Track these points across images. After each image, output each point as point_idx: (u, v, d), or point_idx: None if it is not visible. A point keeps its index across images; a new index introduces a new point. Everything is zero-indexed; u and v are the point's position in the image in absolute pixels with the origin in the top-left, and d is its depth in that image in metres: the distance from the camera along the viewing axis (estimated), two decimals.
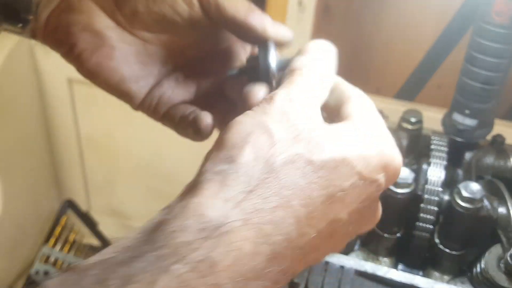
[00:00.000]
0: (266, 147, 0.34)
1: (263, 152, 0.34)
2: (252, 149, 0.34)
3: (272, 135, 0.35)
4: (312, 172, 0.34)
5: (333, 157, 0.35)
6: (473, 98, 0.63)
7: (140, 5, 0.44)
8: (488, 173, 0.67)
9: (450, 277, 0.63)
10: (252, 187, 0.33)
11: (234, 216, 0.31)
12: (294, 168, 0.34)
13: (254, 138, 0.35)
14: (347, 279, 0.57)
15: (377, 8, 1.35)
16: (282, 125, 0.35)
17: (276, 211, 0.33)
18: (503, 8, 0.58)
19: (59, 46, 0.46)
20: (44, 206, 1.65)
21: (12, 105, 1.41)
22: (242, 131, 0.35)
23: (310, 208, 0.34)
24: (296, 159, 0.34)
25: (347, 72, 0.47)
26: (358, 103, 0.40)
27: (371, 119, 0.39)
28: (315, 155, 0.34)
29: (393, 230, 0.64)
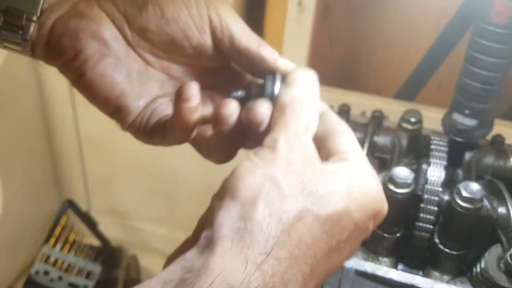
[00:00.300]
0: (278, 202, 0.35)
1: (275, 208, 0.35)
2: (266, 205, 0.35)
3: (282, 189, 0.35)
4: (318, 229, 0.35)
5: (337, 210, 0.36)
6: (473, 98, 0.63)
7: (151, 23, 0.43)
8: (488, 173, 0.67)
9: (450, 277, 0.64)
10: (269, 248, 0.33)
11: (256, 282, 0.32)
12: (303, 225, 0.35)
13: (266, 192, 0.35)
14: (347, 279, 0.58)
15: (377, 8, 1.35)
16: (289, 177, 0.36)
17: (287, 272, 0.33)
18: (502, 9, 0.58)
19: (63, 53, 0.44)
20: (44, 206, 1.65)
21: (12, 105, 1.41)
22: (253, 183, 0.36)
23: (314, 266, 0.35)
24: (304, 215, 0.35)
25: (347, 72, 0.47)
26: (348, 139, 0.41)
27: (362, 159, 0.41)
28: (321, 209, 0.35)
29: (393, 230, 0.64)
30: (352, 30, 1.40)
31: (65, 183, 1.70)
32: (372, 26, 1.38)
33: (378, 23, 1.37)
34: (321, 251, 0.35)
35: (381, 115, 0.74)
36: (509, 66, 0.62)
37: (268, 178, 0.36)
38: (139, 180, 1.63)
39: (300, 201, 0.35)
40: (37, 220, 1.62)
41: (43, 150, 1.60)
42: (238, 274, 0.32)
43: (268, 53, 0.44)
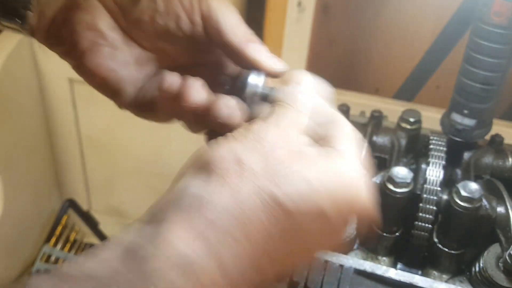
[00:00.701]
0: (234, 177, 0.35)
1: (230, 182, 0.34)
2: (221, 177, 0.35)
3: (242, 166, 0.35)
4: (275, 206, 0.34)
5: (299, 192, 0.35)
6: (472, 98, 0.64)
7: (145, 15, 0.44)
8: (486, 172, 0.68)
9: (449, 276, 0.64)
10: (217, 220, 0.33)
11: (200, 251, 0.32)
12: (257, 202, 0.34)
13: (224, 166, 0.35)
14: (346, 278, 0.58)
15: (376, 8, 1.35)
16: (254, 156, 0.36)
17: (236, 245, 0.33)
18: (501, 9, 0.58)
19: (62, 43, 0.46)
20: (45, 206, 1.66)
21: (13, 105, 1.42)
22: (215, 156, 0.36)
23: (269, 244, 0.34)
24: (260, 192, 0.34)
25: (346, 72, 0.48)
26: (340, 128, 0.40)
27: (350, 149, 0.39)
28: (280, 189, 0.35)
29: (392, 229, 0.64)
30: (351, 30, 1.40)
31: (66, 183, 1.71)
32: (371, 27, 1.38)
33: (377, 24, 1.37)
34: (278, 231, 0.35)
35: (380, 115, 0.74)
36: (507, 66, 0.62)
37: (232, 153, 0.36)
38: (140, 179, 1.63)
39: (258, 178, 0.35)
40: (38, 219, 1.62)
41: (44, 150, 1.60)
42: (182, 242, 0.32)
43: (251, 52, 0.44)
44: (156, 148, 1.54)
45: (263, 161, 0.36)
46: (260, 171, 0.35)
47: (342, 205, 0.37)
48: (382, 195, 0.61)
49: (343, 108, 0.75)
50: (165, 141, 1.48)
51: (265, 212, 0.34)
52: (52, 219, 1.61)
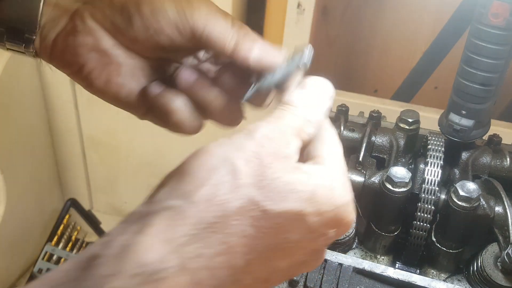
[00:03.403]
0: (226, 190, 0.33)
1: (220, 194, 0.33)
2: (211, 189, 0.33)
3: (237, 177, 0.34)
4: (264, 222, 0.33)
5: (291, 210, 0.34)
6: (470, 98, 0.64)
7: (140, 35, 0.46)
8: (484, 172, 0.68)
9: (447, 275, 0.64)
10: (198, 231, 0.32)
11: (171, 262, 0.31)
12: (247, 216, 0.33)
13: (217, 177, 0.34)
14: (345, 277, 0.58)
15: (374, 10, 1.35)
16: (250, 167, 0.34)
17: (215, 258, 0.32)
18: (499, 10, 0.59)
19: (68, 66, 0.47)
20: (47, 205, 1.66)
21: (15, 105, 1.42)
22: (208, 164, 0.34)
23: (251, 256, 0.33)
24: (252, 207, 0.33)
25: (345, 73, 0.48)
26: (329, 145, 0.40)
27: (338, 167, 0.39)
28: (273, 205, 0.34)
29: (391, 228, 0.65)
30: (350, 32, 1.40)
31: (68, 182, 1.71)
32: (370, 28, 1.38)
33: (376, 25, 1.37)
34: (264, 246, 0.34)
35: (379, 115, 0.75)
36: (505, 67, 0.62)
37: (227, 163, 0.34)
38: (141, 178, 1.63)
39: (252, 192, 0.33)
40: (40, 218, 1.63)
41: (46, 150, 1.60)
42: (154, 252, 0.31)
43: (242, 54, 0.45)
44: (157, 147, 1.54)
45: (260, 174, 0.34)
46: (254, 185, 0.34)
47: (328, 224, 0.36)
48: (380, 194, 0.62)
49: (342, 108, 0.75)
50: (166, 141, 1.49)
51: (253, 227, 0.33)
52: (54, 219, 1.62)
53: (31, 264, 1.58)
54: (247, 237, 0.33)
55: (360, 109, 0.84)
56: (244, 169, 0.34)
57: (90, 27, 0.46)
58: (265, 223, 0.33)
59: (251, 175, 0.34)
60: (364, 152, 0.68)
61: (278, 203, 0.34)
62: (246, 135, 0.36)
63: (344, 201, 0.37)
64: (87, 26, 0.46)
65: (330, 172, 0.38)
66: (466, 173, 0.67)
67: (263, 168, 0.34)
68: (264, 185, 0.34)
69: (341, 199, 0.37)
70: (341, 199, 0.37)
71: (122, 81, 0.47)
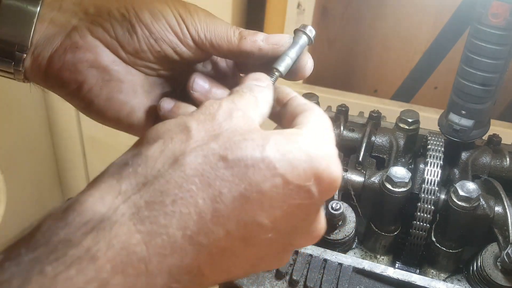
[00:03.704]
0: (178, 142, 0.33)
1: (172, 146, 0.33)
2: (163, 144, 0.34)
3: (189, 134, 0.34)
4: (223, 169, 0.32)
5: (250, 155, 0.33)
6: (469, 98, 0.64)
7: (142, 44, 0.45)
8: (484, 172, 0.68)
9: (447, 275, 0.64)
10: (148, 179, 0.32)
11: (123, 210, 0.30)
12: (204, 163, 0.32)
13: (169, 134, 0.34)
14: (345, 277, 0.58)
15: (374, 10, 1.35)
16: (204, 125, 0.35)
17: (174, 205, 0.31)
18: (499, 11, 0.59)
19: (65, 85, 0.45)
20: (47, 205, 1.66)
21: (15, 105, 1.42)
22: (161, 128, 0.35)
23: (218, 205, 0.32)
24: (208, 155, 0.33)
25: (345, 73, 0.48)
26: (310, 115, 0.39)
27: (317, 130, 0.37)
28: (230, 151, 0.33)
29: (391, 228, 0.65)
30: (350, 32, 1.40)
31: (68, 182, 1.71)
32: (370, 28, 1.38)
33: (376, 25, 1.37)
34: (229, 193, 0.32)
35: (378, 115, 0.75)
36: (505, 67, 0.62)
37: (179, 125, 0.35)
38: None
39: (206, 143, 0.33)
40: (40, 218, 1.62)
41: (46, 150, 1.60)
42: (104, 204, 0.31)
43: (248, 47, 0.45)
44: None
45: (214, 130, 0.34)
46: (209, 138, 0.34)
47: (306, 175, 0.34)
48: (380, 194, 0.62)
49: (342, 108, 0.75)
50: None
51: (213, 173, 0.32)
52: None
53: None
54: (207, 183, 0.32)
55: (360, 109, 0.85)
56: (198, 128, 0.34)
57: (90, 43, 0.44)
58: (224, 171, 0.32)
59: (205, 131, 0.34)
60: (364, 152, 0.68)
61: (236, 150, 0.33)
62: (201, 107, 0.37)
63: (321, 152, 0.35)
64: (87, 42, 0.44)
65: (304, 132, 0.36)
66: (466, 173, 0.67)
67: (217, 126, 0.35)
68: (220, 138, 0.34)
69: (316, 150, 0.35)
70: (316, 149, 0.35)
71: (123, 98, 0.46)
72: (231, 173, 0.32)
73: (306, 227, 0.37)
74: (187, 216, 0.31)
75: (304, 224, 0.37)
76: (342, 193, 0.66)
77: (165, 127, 0.35)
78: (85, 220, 0.30)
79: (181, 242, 0.31)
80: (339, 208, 0.60)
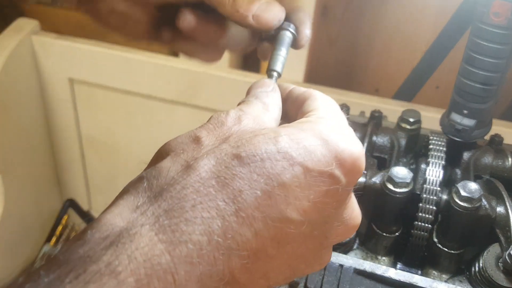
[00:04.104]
0: (190, 151, 0.33)
1: (185, 155, 0.33)
2: (175, 155, 0.33)
3: (199, 141, 0.34)
4: (239, 166, 0.31)
5: (264, 149, 0.32)
6: (471, 98, 0.64)
7: None
8: (486, 172, 0.68)
9: (449, 276, 0.64)
10: (164, 189, 0.31)
11: (142, 221, 0.29)
12: (219, 164, 0.31)
13: (180, 147, 0.34)
14: (346, 278, 0.58)
15: (375, 9, 1.35)
16: (214, 132, 0.34)
17: (195, 210, 0.30)
18: (500, 9, 0.58)
19: None
20: (45, 206, 1.66)
21: (13, 105, 1.42)
22: (173, 142, 0.35)
23: (240, 205, 0.30)
24: (221, 155, 0.32)
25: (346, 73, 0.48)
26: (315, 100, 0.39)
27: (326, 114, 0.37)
28: (242, 148, 0.32)
29: (392, 229, 0.64)
30: (351, 31, 1.40)
31: (66, 183, 1.71)
32: (371, 27, 1.38)
33: (377, 24, 1.37)
34: (249, 190, 0.31)
35: (380, 115, 0.75)
36: (507, 66, 0.62)
37: (189, 137, 0.35)
38: None
39: (218, 146, 0.33)
40: (39, 219, 1.62)
41: (44, 150, 1.60)
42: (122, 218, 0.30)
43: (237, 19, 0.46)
44: (156, 148, 1.54)
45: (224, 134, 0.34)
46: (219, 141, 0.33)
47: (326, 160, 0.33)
48: (381, 195, 0.61)
49: (343, 108, 0.75)
50: (165, 141, 1.48)
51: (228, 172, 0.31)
52: (52, 219, 1.61)
53: (30, 264, 1.57)
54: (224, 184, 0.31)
55: (361, 109, 0.84)
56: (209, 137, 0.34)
57: None
58: (240, 168, 0.31)
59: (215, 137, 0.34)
60: (365, 152, 0.68)
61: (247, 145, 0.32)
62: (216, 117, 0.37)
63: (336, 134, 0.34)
64: None
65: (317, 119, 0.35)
66: (468, 173, 0.67)
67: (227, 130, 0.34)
68: (230, 139, 0.33)
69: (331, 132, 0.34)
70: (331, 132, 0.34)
71: None
72: (248, 170, 0.31)
73: (339, 216, 0.36)
74: (209, 220, 0.30)
75: (337, 213, 0.35)
76: None
77: (176, 141, 0.35)
78: (104, 235, 0.29)
79: (208, 248, 0.29)
80: None
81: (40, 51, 1.39)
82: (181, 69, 1.33)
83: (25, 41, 1.36)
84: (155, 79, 1.37)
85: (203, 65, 1.34)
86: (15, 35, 1.35)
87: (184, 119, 1.40)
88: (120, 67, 1.36)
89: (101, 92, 1.43)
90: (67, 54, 1.38)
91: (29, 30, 1.37)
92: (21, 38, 1.35)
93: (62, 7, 1.32)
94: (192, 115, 1.38)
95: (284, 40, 0.46)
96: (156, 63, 1.35)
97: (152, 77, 1.37)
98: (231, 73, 1.33)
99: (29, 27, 1.37)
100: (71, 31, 1.43)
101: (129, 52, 1.35)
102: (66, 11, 1.51)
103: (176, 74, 1.34)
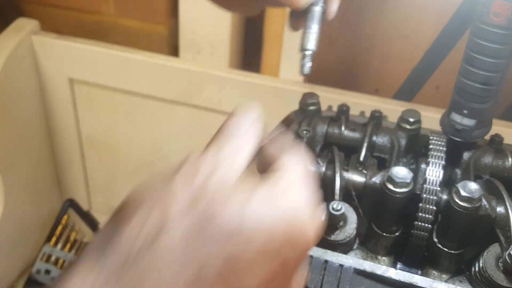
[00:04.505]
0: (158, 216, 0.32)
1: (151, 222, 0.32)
2: (142, 217, 0.32)
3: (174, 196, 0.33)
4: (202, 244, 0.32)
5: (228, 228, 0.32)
6: (471, 98, 0.64)
7: None
8: (486, 172, 0.68)
9: (449, 276, 0.64)
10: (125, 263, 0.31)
11: None
12: (183, 239, 0.31)
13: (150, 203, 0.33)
14: (346, 278, 0.58)
15: (375, 9, 1.35)
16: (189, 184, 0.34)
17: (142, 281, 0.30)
18: (500, 9, 0.58)
19: None
20: (45, 206, 1.66)
21: (13, 105, 1.42)
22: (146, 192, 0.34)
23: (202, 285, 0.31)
24: (187, 230, 0.32)
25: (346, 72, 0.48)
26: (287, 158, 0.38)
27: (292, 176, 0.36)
28: (208, 223, 0.32)
29: (392, 229, 0.64)
30: (351, 31, 1.40)
31: (66, 183, 1.71)
32: (371, 27, 1.38)
33: (377, 24, 1.37)
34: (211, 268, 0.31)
35: (380, 115, 0.75)
36: (507, 66, 0.62)
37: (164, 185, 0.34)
38: (140, 179, 1.63)
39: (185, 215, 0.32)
40: (38, 219, 1.62)
41: (44, 150, 1.60)
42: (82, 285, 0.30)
43: None
44: (156, 148, 1.54)
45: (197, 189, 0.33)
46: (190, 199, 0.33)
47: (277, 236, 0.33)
48: (381, 195, 0.61)
49: (343, 108, 0.75)
50: (165, 141, 1.48)
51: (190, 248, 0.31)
52: (52, 219, 1.61)
53: (30, 265, 1.57)
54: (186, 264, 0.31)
55: (361, 108, 0.84)
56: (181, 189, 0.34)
57: None
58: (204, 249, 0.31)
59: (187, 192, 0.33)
60: (365, 152, 0.68)
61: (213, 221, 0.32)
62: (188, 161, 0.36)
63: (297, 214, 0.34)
64: None
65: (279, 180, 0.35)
66: (468, 173, 0.67)
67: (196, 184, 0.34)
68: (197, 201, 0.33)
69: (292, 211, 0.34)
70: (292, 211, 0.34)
71: None
72: (210, 249, 0.32)
73: None
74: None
75: None
76: (343, 193, 0.65)
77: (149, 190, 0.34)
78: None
79: None
80: (340, 209, 0.60)
81: (40, 51, 1.39)
82: (181, 69, 1.33)
83: (25, 41, 1.36)
84: (155, 79, 1.37)
85: (203, 65, 1.34)
86: (15, 35, 1.35)
87: (184, 119, 1.40)
88: (120, 67, 1.36)
89: (101, 92, 1.43)
90: (67, 54, 1.38)
91: (29, 30, 1.37)
92: (21, 38, 1.35)
93: None
94: (192, 115, 1.38)
95: (315, 16, 0.47)
96: (156, 63, 1.35)
97: (152, 77, 1.37)
98: (231, 73, 1.33)
99: (29, 27, 1.38)
100: (71, 31, 1.44)
101: (129, 52, 1.35)
102: (66, 11, 1.51)
103: (176, 74, 1.34)
